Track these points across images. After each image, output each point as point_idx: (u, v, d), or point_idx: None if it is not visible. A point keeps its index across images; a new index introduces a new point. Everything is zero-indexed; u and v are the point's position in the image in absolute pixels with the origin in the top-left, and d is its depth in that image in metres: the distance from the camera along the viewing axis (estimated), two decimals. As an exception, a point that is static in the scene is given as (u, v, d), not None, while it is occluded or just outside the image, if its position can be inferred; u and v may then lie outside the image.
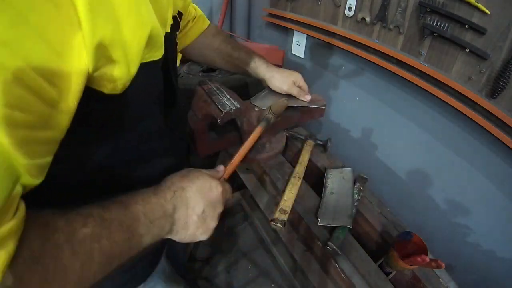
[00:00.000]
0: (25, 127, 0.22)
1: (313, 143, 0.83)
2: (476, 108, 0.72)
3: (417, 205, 1.01)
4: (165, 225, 0.36)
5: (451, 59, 0.75)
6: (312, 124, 1.39)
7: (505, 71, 0.65)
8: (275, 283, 1.49)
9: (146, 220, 0.33)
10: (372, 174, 0.79)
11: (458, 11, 0.70)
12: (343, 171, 0.77)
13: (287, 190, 0.68)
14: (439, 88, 0.78)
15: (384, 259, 0.60)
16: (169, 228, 0.37)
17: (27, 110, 0.22)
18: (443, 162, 0.89)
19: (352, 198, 0.69)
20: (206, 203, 0.40)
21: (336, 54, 1.15)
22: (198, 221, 0.40)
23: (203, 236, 0.42)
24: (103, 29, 0.26)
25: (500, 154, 0.74)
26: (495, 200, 0.77)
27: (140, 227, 0.33)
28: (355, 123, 1.18)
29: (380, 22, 0.89)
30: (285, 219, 0.61)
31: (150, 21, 0.33)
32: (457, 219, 0.89)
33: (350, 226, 0.61)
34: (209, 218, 0.41)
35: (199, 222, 0.40)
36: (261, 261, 1.59)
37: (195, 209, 0.39)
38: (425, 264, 0.50)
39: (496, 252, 0.81)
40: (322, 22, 1.09)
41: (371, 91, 1.06)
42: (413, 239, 0.57)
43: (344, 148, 1.24)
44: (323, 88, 1.26)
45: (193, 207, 0.39)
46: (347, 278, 0.56)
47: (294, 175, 0.72)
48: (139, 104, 0.38)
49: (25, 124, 0.22)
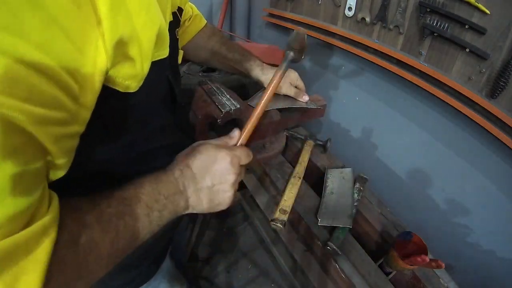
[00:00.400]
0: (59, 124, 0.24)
1: (313, 143, 0.83)
2: (476, 108, 0.72)
3: (417, 205, 1.01)
4: (180, 201, 0.38)
5: (451, 59, 0.75)
6: (312, 124, 1.38)
7: (505, 71, 0.65)
8: (275, 283, 1.49)
9: (160, 196, 0.36)
10: (372, 174, 0.79)
11: (458, 11, 0.70)
12: (343, 171, 0.77)
13: (287, 190, 0.68)
14: (439, 88, 0.78)
15: (384, 259, 0.60)
16: (185, 204, 0.39)
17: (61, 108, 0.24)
18: (443, 162, 0.89)
19: (352, 198, 0.69)
20: (213, 176, 0.40)
21: (336, 54, 1.15)
22: (210, 194, 0.41)
23: (222, 206, 0.43)
24: (123, 26, 0.27)
25: (500, 154, 0.74)
26: (495, 200, 0.77)
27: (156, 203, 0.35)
28: (355, 123, 1.17)
29: (380, 22, 0.89)
30: (285, 219, 0.61)
31: (159, 19, 0.34)
32: (457, 219, 0.89)
33: (350, 226, 0.61)
34: (221, 189, 0.41)
35: (211, 195, 0.41)
36: (261, 261, 1.59)
37: (203, 185, 0.40)
38: (425, 264, 0.50)
39: (496, 252, 0.81)
40: (322, 22, 1.09)
41: (371, 91, 1.05)
42: (413, 239, 0.57)
43: (344, 148, 1.24)
44: (323, 88, 1.26)
45: (200, 183, 0.40)
46: (347, 278, 0.56)
47: (294, 175, 0.72)
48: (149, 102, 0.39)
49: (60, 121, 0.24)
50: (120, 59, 0.29)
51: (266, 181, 0.79)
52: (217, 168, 0.41)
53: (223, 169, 0.41)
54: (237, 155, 0.43)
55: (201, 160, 0.40)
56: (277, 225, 0.60)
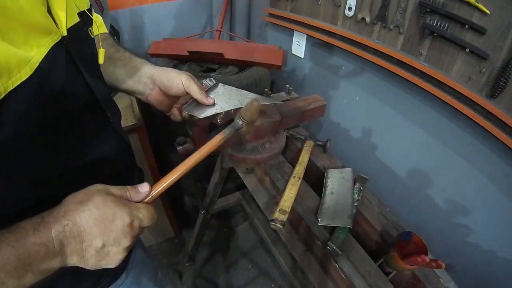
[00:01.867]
0: None
1: (312, 143, 0.83)
2: (476, 108, 0.72)
3: (417, 205, 1.01)
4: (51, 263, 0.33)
5: (451, 59, 0.75)
6: (312, 124, 1.39)
7: (505, 71, 0.65)
8: (275, 283, 1.49)
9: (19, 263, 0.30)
10: (372, 174, 0.79)
11: (458, 11, 0.70)
12: (343, 171, 0.77)
13: (286, 190, 0.68)
14: (439, 88, 0.78)
15: (384, 259, 0.60)
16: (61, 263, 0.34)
17: None
18: (443, 162, 0.89)
19: (352, 198, 0.69)
20: (106, 238, 0.35)
21: (336, 54, 1.15)
22: (98, 256, 0.35)
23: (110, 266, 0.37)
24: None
25: (500, 154, 0.74)
26: (495, 200, 0.77)
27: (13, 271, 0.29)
28: (355, 123, 1.18)
29: (380, 22, 0.89)
30: (285, 220, 0.61)
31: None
32: (457, 219, 0.89)
33: (350, 226, 0.61)
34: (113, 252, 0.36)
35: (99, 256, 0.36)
36: (261, 261, 1.59)
37: (91, 245, 0.34)
38: (425, 264, 0.50)
39: (496, 252, 0.81)
40: (322, 22, 1.09)
41: (371, 91, 1.06)
42: (413, 239, 0.57)
43: (344, 148, 1.24)
44: (323, 88, 1.26)
45: (88, 242, 0.34)
46: (347, 278, 0.56)
47: (294, 175, 0.72)
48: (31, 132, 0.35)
49: None
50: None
51: (266, 181, 0.79)
52: (113, 229, 0.35)
53: (119, 231, 0.35)
54: (140, 217, 0.38)
55: (94, 217, 0.34)
56: (277, 225, 0.60)
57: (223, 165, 0.99)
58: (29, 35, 0.33)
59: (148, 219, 0.39)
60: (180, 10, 1.53)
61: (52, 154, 0.38)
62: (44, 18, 0.36)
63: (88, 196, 0.36)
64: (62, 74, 0.38)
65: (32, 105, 0.33)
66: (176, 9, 1.51)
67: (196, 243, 1.43)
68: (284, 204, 0.64)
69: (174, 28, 1.55)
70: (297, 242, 0.68)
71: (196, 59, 1.26)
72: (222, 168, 1.00)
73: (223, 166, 0.99)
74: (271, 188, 0.76)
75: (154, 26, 1.48)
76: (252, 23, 1.65)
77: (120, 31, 1.38)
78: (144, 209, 0.39)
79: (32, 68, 0.33)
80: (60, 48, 0.38)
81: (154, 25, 1.48)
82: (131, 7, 1.39)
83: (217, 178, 1.06)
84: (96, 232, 0.34)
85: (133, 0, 1.38)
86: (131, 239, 0.37)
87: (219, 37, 1.46)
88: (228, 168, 1.01)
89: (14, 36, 0.31)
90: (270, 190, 0.77)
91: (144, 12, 1.43)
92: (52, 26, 0.38)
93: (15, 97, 0.31)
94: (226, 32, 1.58)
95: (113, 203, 0.36)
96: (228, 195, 1.44)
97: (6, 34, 0.30)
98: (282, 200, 0.65)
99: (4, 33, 0.30)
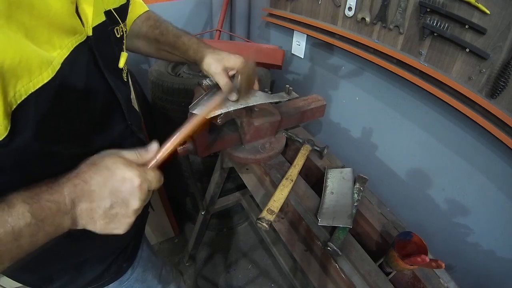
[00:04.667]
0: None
1: (310, 148, 0.83)
2: (476, 108, 0.72)
3: (417, 205, 1.01)
4: (63, 221, 0.33)
5: (451, 59, 0.75)
6: (312, 124, 1.39)
7: (505, 71, 0.65)
8: (275, 283, 1.49)
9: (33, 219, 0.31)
10: (372, 174, 0.79)
11: (458, 11, 0.70)
12: (343, 171, 0.77)
13: (277, 191, 0.68)
14: (439, 88, 0.78)
15: (384, 259, 0.60)
16: (70, 222, 0.34)
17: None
18: (443, 162, 0.89)
19: (352, 198, 0.69)
20: (114, 198, 0.35)
21: (336, 54, 1.15)
22: (106, 217, 0.36)
23: (118, 231, 0.37)
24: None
25: (500, 154, 0.74)
26: (495, 200, 0.77)
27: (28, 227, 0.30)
28: (355, 123, 1.17)
29: (380, 22, 0.89)
30: (271, 219, 0.61)
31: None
32: (457, 219, 0.89)
33: (350, 226, 0.61)
34: (121, 214, 0.36)
35: (107, 218, 0.36)
36: (261, 261, 1.59)
37: (100, 204, 0.35)
38: (425, 264, 0.50)
39: (496, 252, 0.81)
40: (322, 22, 1.09)
41: (371, 91, 1.06)
42: (413, 239, 0.57)
43: (344, 148, 1.24)
44: (323, 88, 1.26)
45: (97, 202, 0.35)
46: (347, 278, 0.56)
47: (287, 177, 0.72)
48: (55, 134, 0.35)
49: None
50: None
51: (266, 181, 0.79)
52: (122, 190, 0.35)
53: (128, 192, 0.36)
54: (149, 179, 0.38)
55: (104, 176, 0.35)
56: (263, 225, 0.60)
57: (223, 165, 0.99)
58: (53, 34, 0.33)
59: (156, 181, 0.39)
60: (180, 10, 1.53)
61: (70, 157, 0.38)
62: (72, 17, 0.35)
63: (101, 158, 0.36)
64: (83, 75, 0.38)
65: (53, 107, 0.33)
66: (176, 9, 1.51)
67: (196, 243, 1.43)
68: (273, 204, 0.65)
69: (174, 28, 1.55)
70: (297, 242, 0.68)
71: (196, 59, 1.26)
72: (222, 168, 1.00)
73: (223, 166, 0.99)
74: (271, 188, 0.76)
75: (154, 26, 1.48)
76: (252, 23, 1.65)
77: (120, 31, 1.38)
78: (152, 172, 0.39)
79: (54, 70, 0.32)
80: (83, 48, 0.38)
81: (154, 25, 1.48)
82: (131, 7, 1.39)
83: (217, 178, 1.06)
84: (106, 192, 0.35)
85: (133, 0, 1.38)
86: (139, 201, 0.37)
87: (219, 37, 1.46)
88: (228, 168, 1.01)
89: (38, 35, 0.30)
90: (270, 190, 0.77)
91: (144, 12, 1.43)
92: (78, 26, 0.37)
93: (35, 99, 0.31)
94: (226, 32, 1.58)
95: (123, 164, 0.36)
96: (228, 195, 1.44)
97: (31, 32, 0.29)
98: (272, 200, 0.66)
99: (29, 31, 0.29)
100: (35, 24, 0.30)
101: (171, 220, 1.59)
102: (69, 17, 0.35)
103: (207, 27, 1.66)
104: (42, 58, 0.31)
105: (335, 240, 0.59)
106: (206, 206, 1.21)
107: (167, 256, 1.61)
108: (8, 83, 0.28)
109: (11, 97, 0.29)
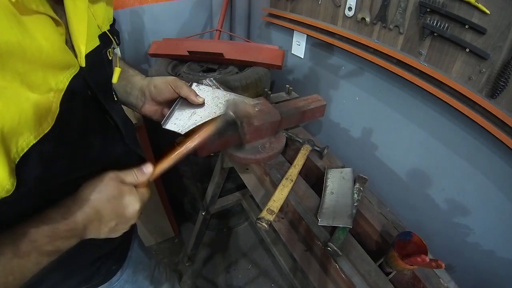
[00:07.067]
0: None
1: (310, 148, 0.83)
2: (476, 108, 0.72)
3: (417, 205, 1.01)
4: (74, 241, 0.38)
5: (451, 59, 0.75)
6: (312, 124, 1.39)
7: (505, 71, 0.65)
8: (275, 283, 1.49)
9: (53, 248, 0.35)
10: (372, 174, 0.79)
11: (458, 11, 0.70)
12: (343, 171, 0.77)
13: (277, 191, 0.68)
14: (439, 88, 0.78)
15: (384, 259, 0.60)
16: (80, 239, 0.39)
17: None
18: (443, 162, 0.89)
19: (352, 198, 0.69)
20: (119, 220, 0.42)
21: (336, 54, 1.15)
22: (110, 232, 0.42)
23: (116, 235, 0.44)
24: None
25: (500, 154, 0.74)
26: (495, 200, 0.77)
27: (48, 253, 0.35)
28: (355, 123, 1.17)
29: (380, 22, 0.89)
30: (271, 219, 0.61)
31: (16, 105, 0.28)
32: (457, 219, 0.89)
33: (350, 226, 0.61)
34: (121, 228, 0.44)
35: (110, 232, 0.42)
36: (261, 261, 1.59)
37: (107, 225, 0.41)
38: (425, 264, 0.50)
39: (496, 252, 0.81)
40: (322, 22, 1.09)
41: (371, 91, 1.06)
42: (413, 239, 0.57)
43: (344, 148, 1.24)
44: (323, 88, 1.26)
45: (105, 223, 0.41)
46: (347, 278, 0.56)
47: (287, 177, 0.72)
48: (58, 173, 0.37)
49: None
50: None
51: (266, 181, 0.79)
52: (126, 214, 0.42)
53: (131, 214, 0.43)
54: (144, 199, 0.45)
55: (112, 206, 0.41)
56: (262, 225, 0.60)
57: (223, 165, 0.99)
58: (48, 74, 0.32)
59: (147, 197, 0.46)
60: (180, 10, 1.53)
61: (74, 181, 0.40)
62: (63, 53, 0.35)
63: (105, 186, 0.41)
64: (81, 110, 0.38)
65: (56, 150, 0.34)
66: (176, 9, 1.51)
67: (196, 243, 1.43)
68: (273, 204, 0.65)
69: (174, 28, 1.55)
70: (297, 242, 0.68)
71: (196, 59, 1.26)
72: (222, 168, 1.00)
73: (223, 166, 0.99)
74: (271, 188, 0.76)
75: (154, 26, 1.48)
76: (252, 23, 1.65)
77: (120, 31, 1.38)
78: (146, 193, 0.46)
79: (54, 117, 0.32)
80: (78, 80, 0.37)
81: (154, 25, 1.48)
82: (131, 7, 1.38)
83: (217, 178, 1.06)
84: (113, 216, 0.41)
85: (133, 0, 1.38)
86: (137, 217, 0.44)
87: (219, 37, 1.46)
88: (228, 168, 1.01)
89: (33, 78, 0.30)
90: (270, 190, 0.77)
91: (144, 12, 1.43)
92: (71, 59, 0.36)
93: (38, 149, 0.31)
94: (226, 32, 1.58)
95: (127, 193, 0.42)
96: (228, 195, 1.44)
97: (26, 77, 0.29)
98: (271, 200, 0.66)
99: (24, 76, 0.29)
100: (29, 68, 0.29)
101: (171, 220, 1.59)
102: (61, 53, 0.34)
103: (207, 27, 1.66)
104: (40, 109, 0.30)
105: (335, 240, 0.59)
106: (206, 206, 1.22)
107: (167, 256, 1.61)
108: (9, 143, 0.28)
109: (13, 153, 0.29)
